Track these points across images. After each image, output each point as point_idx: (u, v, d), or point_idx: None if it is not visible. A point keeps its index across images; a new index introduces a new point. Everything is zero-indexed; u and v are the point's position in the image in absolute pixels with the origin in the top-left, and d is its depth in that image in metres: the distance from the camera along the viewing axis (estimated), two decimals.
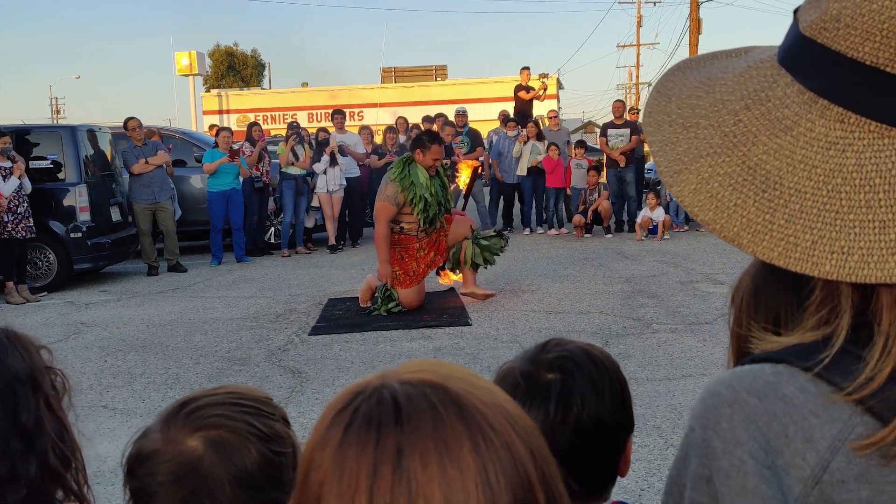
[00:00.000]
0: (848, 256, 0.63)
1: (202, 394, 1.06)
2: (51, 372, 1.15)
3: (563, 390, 1.05)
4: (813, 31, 0.67)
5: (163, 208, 9.89)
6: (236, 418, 1.02)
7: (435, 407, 0.53)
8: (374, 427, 0.52)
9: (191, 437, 1.00)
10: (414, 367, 0.58)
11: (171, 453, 0.99)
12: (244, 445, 1.00)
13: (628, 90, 48.98)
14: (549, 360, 1.08)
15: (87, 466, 3.96)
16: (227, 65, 44.33)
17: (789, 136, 0.68)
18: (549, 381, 1.06)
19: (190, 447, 0.99)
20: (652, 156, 0.75)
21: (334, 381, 4.87)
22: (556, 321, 6.24)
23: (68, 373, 1.21)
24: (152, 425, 1.04)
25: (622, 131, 12.24)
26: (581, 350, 1.10)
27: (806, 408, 0.65)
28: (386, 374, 0.57)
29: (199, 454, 0.98)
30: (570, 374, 1.06)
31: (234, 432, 1.01)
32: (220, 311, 7.31)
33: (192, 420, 1.01)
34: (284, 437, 1.06)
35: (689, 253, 9.78)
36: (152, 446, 1.01)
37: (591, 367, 1.08)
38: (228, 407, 1.03)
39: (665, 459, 3.47)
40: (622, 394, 1.10)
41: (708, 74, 0.78)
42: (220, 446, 0.99)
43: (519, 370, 1.08)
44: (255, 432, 1.02)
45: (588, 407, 1.05)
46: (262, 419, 1.04)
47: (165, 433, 1.01)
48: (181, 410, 1.02)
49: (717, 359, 5.01)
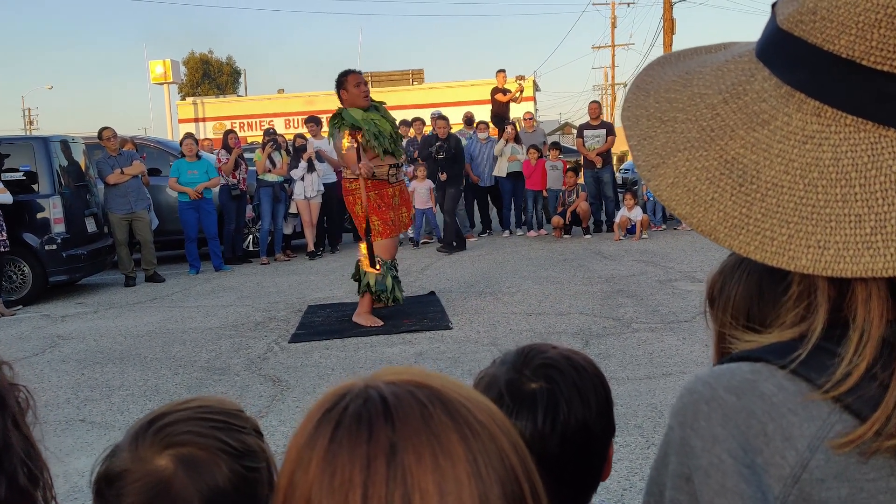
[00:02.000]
0: (824, 250, 0.63)
1: (171, 409, 1.03)
2: (15, 388, 1.13)
3: (550, 399, 1.04)
4: (790, 24, 0.67)
5: (139, 218, 9.80)
6: (206, 434, 0.99)
7: (423, 403, 0.54)
8: (364, 424, 0.53)
9: (160, 455, 0.97)
10: (394, 371, 0.58)
11: (140, 472, 0.97)
12: (215, 462, 0.98)
13: (604, 91, 49.27)
14: (532, 368, 1.07)
15: (66, 482, 3.90)
16: (202, 72, 44.11)
17: (766, 130, 0.68)
18: (535, 389, 1.05)
19: (159, 466, 0.96)
20: (630, 150, 0.75)
21: (315, 389, 4.84)
22: (537, 323, 6.25)
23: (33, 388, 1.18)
24: (120, 443, 1.01)
25: (598, 132, 12.30)
26: (563, 357, 1.10)
27: (785, 406, 0.64)
28: (369, 378, 0.57)
29: (169, 473, 0.96)
30: (554, 383, 1.05)
31: (204, 449, 0.98)
32: (198, 320, 7.25)
33: (160, 437, 0.98)
34: (257, 452, 1.03)
35: (667, 252, 9.83)
36: (121, 465, 0.98)
37: (575, 375, 1.07)
38: (198, 423, 1.00)
39: (646, 459, 3.47)
40: (607, 399, 1.10)
41: (686, 69, 0.78)
42: (190, 464, 0.97)
43: (503, 380, 1.07)
44: (226, 448, 0.99)
45: (575, 414, 1.04)
46: (233, 434, 1.01)
47: (134, 451, 0.98)
48: (149, 427, 1.00)
49: (697, 357, 5.04)
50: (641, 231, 11.34)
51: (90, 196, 9.88)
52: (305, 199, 11.07)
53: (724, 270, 1.04)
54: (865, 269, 0.62)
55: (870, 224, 0.62)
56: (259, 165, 10.97)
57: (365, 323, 6.45)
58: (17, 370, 1.14)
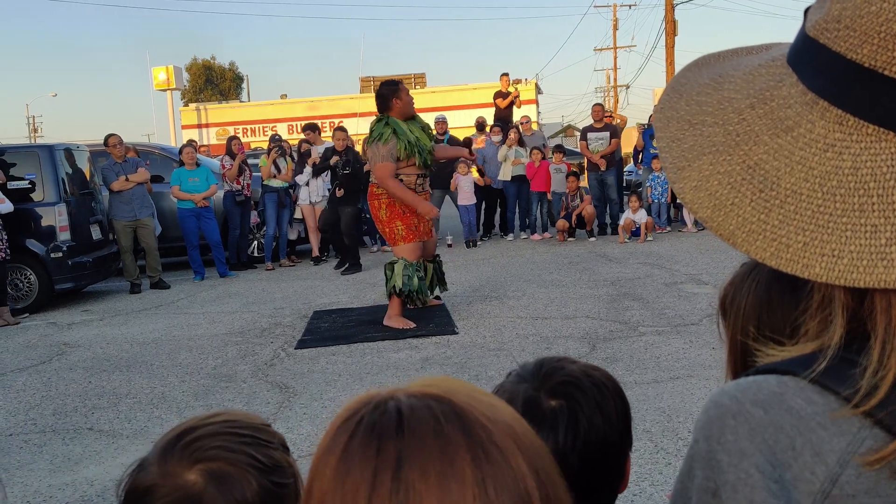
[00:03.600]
0: (838, 259, 0.63)
1: (198, 423, 1.03)
2: None
3: (571, 417, 1.04)
4: (816, 32, 0.67)
5: (143, 225, 9.82)
6: (235, 449, 0.99)
7: (437, 419, 0.53)
8: (375, 436, 0.53)
9: (189, 470, 0.97)
10: (424, 382, 0.58)
11: (169, 487, 0.96)
12: (244, 478, 0.98)
13: (606, 93, 49.29)
14: (551, 385, 1.07)
15: (75, 491, 3.90)
16: (204, 78, 44.21)
17: (790, 137, 0.68)
18: (555, 408, 1.04)
19: (189, 481, 0.96)
20: (659, 151, 0.75)
21: (322, 395, 4.83)
22: (543, 327, 6.24)
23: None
24: (148, 457, 1.01)
25: (602, 134, 12.31)
26: (583, 373, 1.09)
27: (814, 420, 0.64)
28: (396, 388, 0.57)
29: (199, 488, 0.96)
30: (575, 401, 1.05)
31: (234, 464, 0.98)
32: (204, 327, 7.25)
33: (189, 452, 0.98)
34: (285, 467, 1.03)
35: (672, 254, 9.82)
36: (150, 480, 0.98)
37: (596, 392, 1.07)
38: (226, 437, 1.00)
39: (655, 464, 3.46)
40: (626, 415, 1.10)
41: (720, 71, 0.78)
42: (220, 479, 0.97)
43: (522, 398, 1.06)
44: (255, 463, 0.99)
45: (596, 431, 1.04)
46: (261, 449, 1.01)
47: (163, 466, 0.98)
48: (178, 442, 0.99)
49: (704, 360, 5.03)
50: (646, 233, 11.33)
51: (95, 203, 9.90)
52: (310, 203, 11.09)
53: (735, 281, 1.04)
54: (878, 280, 0.62)
55: (885, 235, 0.62)
56: (264, 171, 10.98)
57: (396, 325, 6.50)
58: (25, 378, 1.14)
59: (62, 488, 3.68)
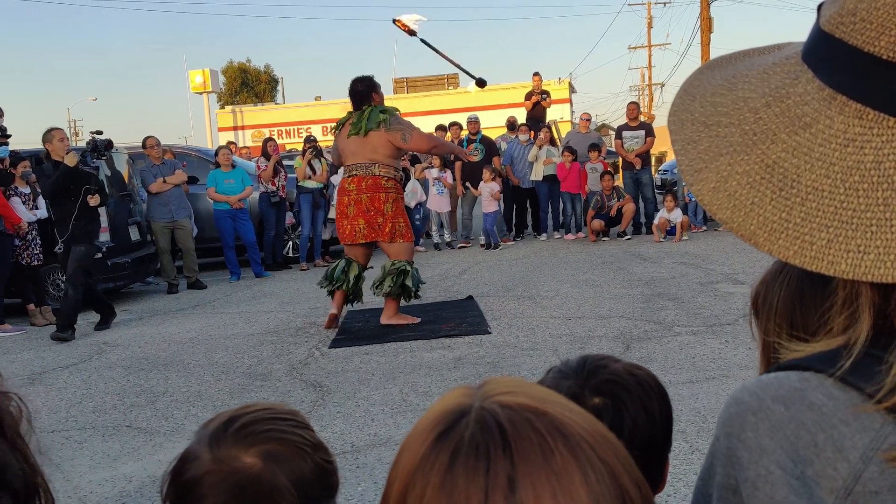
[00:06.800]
0: (864, 255, 0.62)
1: (241, 412, 1.05)
2: (5, 397, 1.13)
3: (615, 415, 1.03)
4: (831, 26, 0.66)
5: (181, 226, 9.97)
6: (285, 431, 1.03)
7: (542, 435, 0.52)
8: (482, 455, 0.51)
9: (245, 453, 0.99)
10: (506, 387, 0.56)
11: (223, 472, 0.98)
12: (299, 456, 1.01)
13: (641, 91, 48.86)
14: (596, 383, 1.06)
15: (113, 487, 3.96)
16: (240, 81, 44.66)
17: (808, 133, 0.67)
18: (598, 405, 1.04)
19: (246, 464, 0.99)
20: (674, 154, 0.75)
21: (356, 394, 4.87)
22: (577, 327, 6.21)
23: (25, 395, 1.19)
24: (194, 448, 1.03)
25: (637, 133, 12.22)
26: (628, 373, 1.08)
27: (836, 416, 0.63)
28: (480, 393, 0.56)
29: (258, 469, 0.98)
30: (619, 399, 1.05)
31: (286, 444, 1.02)
32: (240, 326, 7.34)
33: (243, 436, 1.01)
34: (326, 447, 1.08)
35: (707, 253, 9.71)
36: (201, 469, 0.99)
37: (640, 391, 1.06)
38: (273, 422, 1.04)
39: (690, 464, 3.43)
40: (669, 415, 1.09)
41: (734, 72, 0.78)
42: (278, 459, 1.00)
43: (565, 395, 1.06)
44: (306, 443, 1.03)
45: (640, 430, 1.04)
46: (305, 430, 1.05)
47: (216, 453, 1.00)
48: (228, 429, 1.02)
49: (740, 360, 4.96)
50: (681, 232, 11.22)
51: (133, 205, 10.07)
52: None
53: (766, 279, 1.03)
54: None
55: None
56: (299, 172, 11.08)
57: (399, 322, 6.56)
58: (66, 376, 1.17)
59: (101, 484, 3.75)
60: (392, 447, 3.86)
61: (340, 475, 1.11)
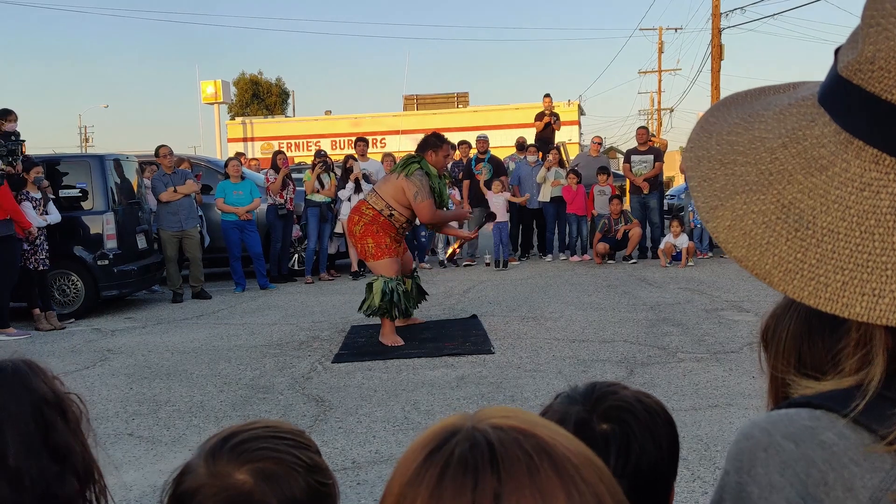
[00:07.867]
0: (879, 299, 0.63)
1: (241, 428, 1.07)
2: (69, 398, 1.21)
3: (623, 441, 1.04)
4: (849, 73, 0.67)
5: (189, 236, 10.00)
6: (281, 450, 1.03)
7: (529, 455, 0.53)
8: (470, 471, 0.53)
9: (238, 470, 1.00)
10: (501, 413, 0.58)
11: (217, 487, 0.99)
12: (292, 476, 1.01)
13: (650, 116, 48.96)
14: (604, 409, 1.07)
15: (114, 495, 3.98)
16: (251, 93, 44.84)
17: (824, 176, 0.68)
18: (607, 431, 1.05)
19: (238, 480, 1.00)
20: (690, 191, 0.76)
21: (357, 410, 4.86)
22: (580, 350, 6.21)
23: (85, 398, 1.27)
24: (193, 461, 1.04)
25: (646, 157, 12.24)
26: (636, 399, 1.09)
27: (846, 455, 0.64)
28: (475, 417, 0.58)
29: (249, 486, 0.99)
30: (627, 426, 1.05)
31: (280, 464, 1.02)
32: (243, 338, 7.34)
33: (238, 453, 1.02)
34: (325, 469, 1.07)
35: (713, 280, 9.70)
36: (196, 482, 1.01)
37: (648, 418, 1.07)
38: (271, 440, 1.04)
39: (692, 492, 3.42)
40: (676, 443, 1.10)
41: (750, 111, 0.79)
42: (270, 478, 1.00)
43: (573, 420, 1.07)
44: (300, 463, 1.03)
45: (647, 457, 1.04)
46: (304, 451, 1.05)
47: (211, 467, 1.01)
48: (224, 445, 1.03)
49: (744, 388, 4.95)
50: (687, 258, 11.21)
51: (141, 213, 10.12)
52: None
53: (776, 312, 1.04)
54: None
55: None
56: (308, 186, 11.12)
57: (386, 342, 6.67)
58: (69, 382, 1.23)
59: (107, 483, 3.75)
60: (393, 465, 3.85)
61: (340, 491, 1.12)
